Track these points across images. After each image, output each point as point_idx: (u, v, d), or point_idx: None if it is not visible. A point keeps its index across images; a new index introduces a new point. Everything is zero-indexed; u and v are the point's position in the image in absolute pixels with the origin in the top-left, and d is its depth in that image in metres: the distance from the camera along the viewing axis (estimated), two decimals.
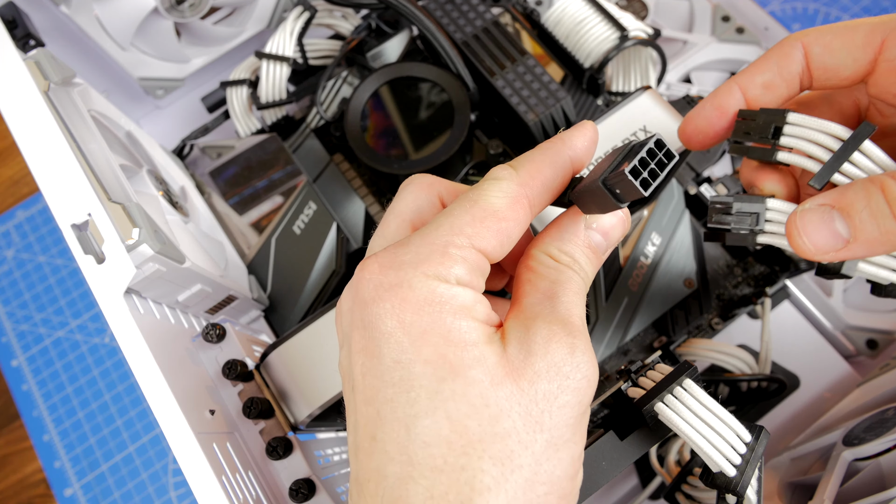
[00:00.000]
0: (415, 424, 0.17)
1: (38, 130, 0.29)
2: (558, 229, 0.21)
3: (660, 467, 0.37)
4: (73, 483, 0.53)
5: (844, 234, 0.20)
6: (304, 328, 0.29)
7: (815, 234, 0.21)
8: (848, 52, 0.22)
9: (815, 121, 0.22)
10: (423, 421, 0.17)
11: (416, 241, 0.19)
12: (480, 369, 0.17)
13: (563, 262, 0.21)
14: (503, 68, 0.39)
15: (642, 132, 0.29)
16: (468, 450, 0.16)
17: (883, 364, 0.42)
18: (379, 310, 0.18)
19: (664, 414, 0.23)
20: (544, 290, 0.20)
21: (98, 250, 0.26)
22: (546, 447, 0.17)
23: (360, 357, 0.18)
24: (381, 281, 0.18)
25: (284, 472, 0.28)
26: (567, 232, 0.21)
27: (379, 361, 0.18)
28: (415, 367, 0.17)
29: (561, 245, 0.21)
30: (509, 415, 0.17)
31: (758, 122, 0.24)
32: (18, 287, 0.59)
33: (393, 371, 0.17)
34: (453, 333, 0.17)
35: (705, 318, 0.41)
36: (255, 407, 0.28)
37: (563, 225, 0.21)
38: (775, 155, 0.23)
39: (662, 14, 0.56)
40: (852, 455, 0.32)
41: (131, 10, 0.46)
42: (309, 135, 0.46)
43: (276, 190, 0.43)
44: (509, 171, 0.20)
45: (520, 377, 0.18)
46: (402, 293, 0.18)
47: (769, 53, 0.24)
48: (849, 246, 0.20)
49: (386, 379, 0.17)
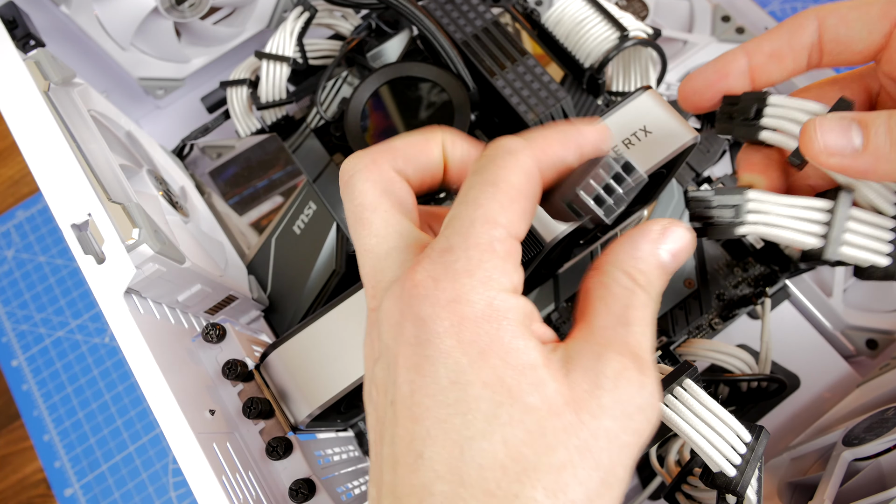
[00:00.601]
0: (470, 446, 0.16)
1: (38, 130, 0.29)
2: (632, 244, 0.20)
3: (660, 467, 0.37)
4: (73, 483, 0.53)
5: (857, 142, 0.20)
6: (304, 328, 0.29)
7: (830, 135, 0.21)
8: (863, 23, 0.22)
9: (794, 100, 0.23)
10: (480, 444, 0.16)
11: (459, 244, 0.18)
12: (538, 396, 0.17)
13: (641, 283, 0.20)
14: (503, 68, 0.39)
15: (642, 132, 0.29)
16: (522, 477, 0.16)
17: (883, 364, 0.42)
18: (437, 327, 0.17)
19: (664, 414, 0.23)
20: (618, 314, 0.19)
21: (98, 250, 0.26)
22: (600, 486, 0.17)
23: (409, 374, 0.17)
24: (438, 296, 0.17)
25: (284, 472, 0.28)
26: (643, 251, 0.20)
27: (433, 380, 0.17)
28: (473, 389, 0.17)
29: (638, 264, 0.20)
30: (566, 447, 0.16)
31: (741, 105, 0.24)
32: (18, 287, 0.59)
33: (449, 391, 0.17)
34: (512, 355, 0.17)
35: (705, 318, 0.41)
36: (255, 407, 0.28)
37: (635, 239, 0.20)
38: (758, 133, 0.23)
39: (662, 14, 0.56)
40: (852, 455, 0.32)
41: (131, 10, 0.46)
42: (309, 135, 0.46)
43: (276, 190, 0.43)
44: (522, 142, 0.19)
45: (582, 409, 0.17)
46: (461, 309, 0.17)
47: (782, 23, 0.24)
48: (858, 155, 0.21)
49: (440, 399, 0.17)
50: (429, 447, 0.17)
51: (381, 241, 0.20)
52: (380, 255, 0.20)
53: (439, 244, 0.18)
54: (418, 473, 0.17)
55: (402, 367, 0.17)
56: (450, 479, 0.16)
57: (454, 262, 0.17)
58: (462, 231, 0.18)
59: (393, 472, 0.17)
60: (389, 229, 0.20)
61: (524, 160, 0.19)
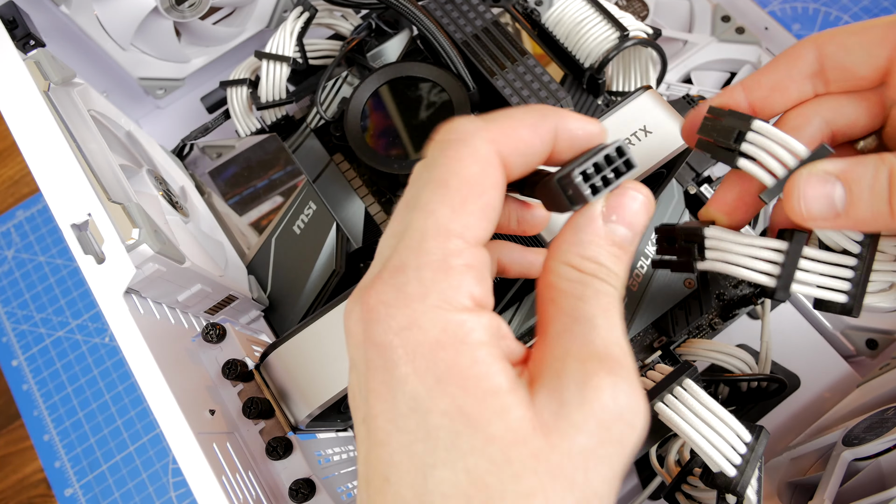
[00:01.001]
0: (432, 474, 0.16)
1: (38, 130, 0.29)
2: (574, 231, 0.18)
3: (660, 467, 0.37)
4: (73, 483, 0.53)
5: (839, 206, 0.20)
6: (304, 328, 0.29)
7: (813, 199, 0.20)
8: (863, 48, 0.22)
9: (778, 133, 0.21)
10: (441, 472, 0.16)
11: (411, 261, 0.16)
12: (501, 425, 0.16)
13: (588, 270, 0.18)
14: (503, 68, 0.39)
15: (642, 132, 0.29)
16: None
17: (883, 364, 0.42)
18: (392, 355, 0.16)
19: (664, 414, 0.23)
20: (571, 312, 0.17)
21: (98, 250, 0.26)
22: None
23: (373, 397, 0.17)
24: (390, 324, 0.16)
25: (284, 472, 0.28)
26: (585, 232, 0.18)
27: (393, 406, 0.16)
28: (431, 417, 0.16)
29: (581, 250, 0.18)
30: (535, 472, 0.15)
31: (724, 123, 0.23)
32: (18, 287, 0.59)
33: (408, 418, 0.16)
34: (471, 382, 0.16)
35: (705, 318, 0.41)
36: (255, 407, 0.28)
37: (578, 225, 0.18)
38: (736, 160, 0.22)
39: (662, 14, 0.56)
40: (852, 455, 0.32)
41: (131, 10, 0.46)
42: (309, 135, 0.46)
43: (276, 190, 0.43)
44: (475, 124, 0.17)
45: (550, 432, 0.16)
46: (413, 336, 0.16)
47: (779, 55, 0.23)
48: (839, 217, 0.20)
49: (400, 425, 0.16)
50: (393, 472, 0.16)
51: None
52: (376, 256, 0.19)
53: (392, 261, 0.17)
54: (386, 497, 0.16)
55: (369, 388, 0.17)
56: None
57: (405, 285, 0.16)
58: (413, 245, 0.17)
59: (366, 491, 0.17)
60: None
61: (478, 147, 0.17)
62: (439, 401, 0.16)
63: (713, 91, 0.52)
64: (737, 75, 0.53)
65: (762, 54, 0.52)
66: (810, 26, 0.60)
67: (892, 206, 0.19)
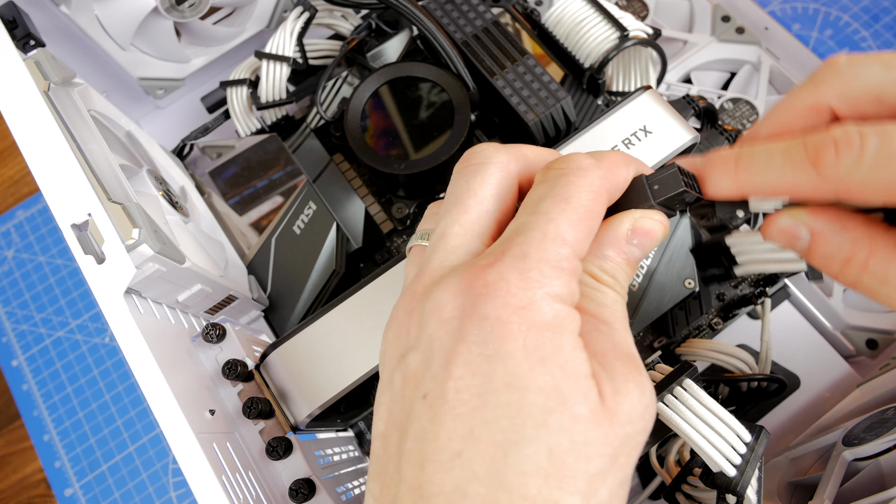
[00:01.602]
0: (515, 451, 0.16)
1: (38, 130, 0.29)
2: (598, 242, 0.20)
3: (660, 467, 0.37)
4: (73, 483, 0.53)
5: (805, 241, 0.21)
6: (304, 328, 0.29)
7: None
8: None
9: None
10: (525, 449, 0.16)
11: (533, 254, 0.18)
12: (586, 406, 0.17)
13: (605, 282, 0.20)
14: (503, 68, 0.39)
15: (642, 132, 0.29)
16: (562, 484, 0.16)
17: (883, 364, 0.42)
18: (503, 330, 0.17)
19: (664, 414, 0.23)
20: (596, 314, 0.19)
21: (98, 250, 0.26)
22: (618, 486, 0.17)
23: (460, 370, 0.17)
24: (510, 301, 0.17)
25: (284, 472, 0.28)
26: (608, 249, 0.21)
27: (486, 380, 0.17)
28: (527, 394, 0.17)
29: (603, 263, 0.20)
30: (601, 455, 0.17)
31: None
32: (18, 287, 0.59)
33: (501, 393, 0.17)
34: (570, 364, 0.17)
35: (705, 318, 0.41)
36: (255, 407, 0.28)
37: (603, 237, 0.21)
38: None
39: (662, 14, 0.56)
40: (852, 455, 0.32)
41: (131, 10, 0.46)
42: (309, 135, 0.46)
43: (276, 190, 0.43)
44: (592, 161, 0.20)
45: (614, 418, 0.17)
46: (531, 316, 0.17)
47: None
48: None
49: (490, 400, 0.17)
50: (469, 447, 0.16)
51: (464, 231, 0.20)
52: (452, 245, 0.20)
53: (513, 249, 0.18)
54: (452, 473, 0.16)
55: (453, 363, 0.17)
56: (488, 482, 0.16)
57: (528, 271, 0.18)
58: (535, 242, 0.18)
59: (419, 469, 0.17)
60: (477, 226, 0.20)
61: (595, 180, 0.19)
62: (539, 378, 0.17)
63: (713, 91, 0.52)
64: (736, 76, 0.53)
65: (762, 54, 0.52)
66: (810, 26, 0.60)
67: None
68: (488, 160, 0.21)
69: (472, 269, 0.18)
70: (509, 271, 0.18)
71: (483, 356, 0.17)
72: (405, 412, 0.18)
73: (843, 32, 0.60)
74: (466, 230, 0.20)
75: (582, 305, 0.19)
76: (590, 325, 0.19)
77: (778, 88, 0.52)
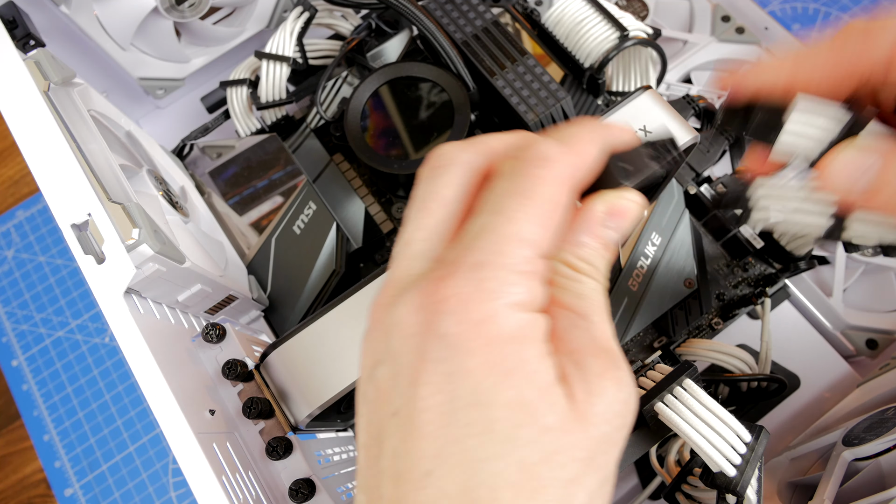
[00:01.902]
0: (483, 468, 0.16)
1: (38, 130, 0.29)
2: (571, 232, 0.19)
3: (660, 467, 0.37)
4: (73, 483, 0.53)
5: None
6: (304, 328, 0.29)
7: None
8: None
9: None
10: (494, 466, 0.16)
11: (490, 262, 0.17)
12: (555, 416, 0.17)
13: (583, 270, 0.19)
14: (503, 68, 0.39)
15: (642, 132, 0.29)
16: (535, 495, 0.16)
17: (883, 364, 0.42)
18: (463, 346, 0.16)
19: (664, 414, 0.23)
20: (573, 307, 0.19)
21: (98, 250, 0.26)
22: (599, 485, 0.17)
23: (424, 390, 0.17)
24: (467, 316, 0.16)
25: (284, 472, 0.28)
26: (583, 234, 0.19)
27: (451, 399, 0.16)
28: (492, 410, 0.16)
29: (578, 250, 0.19)
30: (574, 460, 0.16)
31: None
32: (18, 287, 0.59)
33: (466, 411, 0.16)
34: (535, 376, 0.17)
35: (705, 318, 0.41)
36: (255, 407, 0.28)
37: (576, 226, 0.19)
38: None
39: (662, 14, 0.56)
40: (852, 455, 0.32)
41: (131, 10, 0.46)
42: (309, 135, 0.46)
43: (276, 190, 0.43)
44: (558, 148, 0.18)
45: (586, 421, 0.17)
46: (490, 330, 0.16)
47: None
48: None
49: (456, 418, 0.16)
50: (439, 466, 0.16)
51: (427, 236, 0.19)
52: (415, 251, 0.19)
53: (469, 258, 0.17)
54: (425, 491, 0.16)
55: (418, 382, 0.17)
56: (460, 499, 0.16)
57: (485, 281, 0.17)
58: (493, 248, 0.17)
59: (395, 487, 0.17)
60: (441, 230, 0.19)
61: (560, 169, 0.18)
62: (504, 393, 0.16)
63: (713, 91, 0.52)
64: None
65: (762, 54, 0.52)
66: (810, 26, 0.60)
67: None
68: (451, 161, 0.20)
69: (428, 282, 0.17)
70: (464, 283, 0.17)
71: (445, 374, 0.16)
72: (380, 427, 0.18)
73: None
74: (429, 235, 0.19)
75: (559, 299, 0.19)
76: (567, 321, 0.18)
77: None
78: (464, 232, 0.18)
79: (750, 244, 0.41)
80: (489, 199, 0.18)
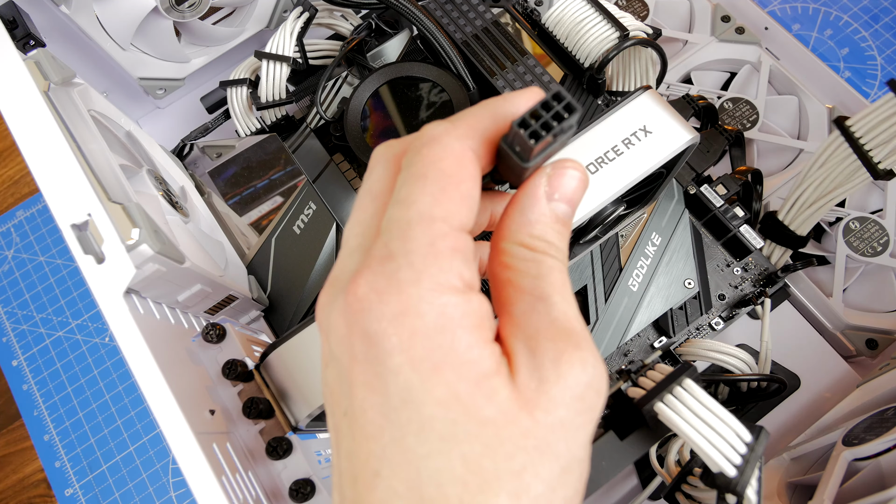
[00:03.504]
0: (426, 465, 0.16)
1: (38, 130, 0.29)
2: (520, 212, 0.19)
3: (660, 467, 0.37)
4: (73, 483, 0.53)
5: None
6: (305, 328, 0.29)
7: None
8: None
9: None
10: (436, 462, 0.16)
11: (399, 249, 0.16)
12: (493, 408, 0.16)
13: (539, 248, 0.18)
14: (503, 68, 0.39)
15: (642, 132, 0.29)
16: (484, 488, 0.16)
17: (883, 364, 0.42)
18: (385, 344, 0.16)
19: (664, 414, 0.23)
20: (530, 290, 0.18)
21: (98, 250, 0.26)
22: (561, 473, 0.16)
23: (361, 390, 0.16)
24: (383, 311, 0.16)
25: (284, 472, 0.28)
26: (531, 212, 0.19)
27: (384, 399, 0.16)
28: (425, 408, 0.16)
29: (530, 229, 0.19)
30: (525, 449, 0.16)
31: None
32: (18, 287, 0.59)
33: (401, 411, 0.16)
34: (466, 367, 0.16)
35: (705, 318, 0.41)
36: (254, 407, 0.28)
37: (523, 206, 0.19)
38: None
39: (662, 14, 0.56)
40: (852, 455, 0.32)
41: (131, 10, 0.46)
42: (309, 135, 0.46)
43: (276, 190, 0.43)
44: (444, 125, 0.18)
45: (535, 408, 0.16)
46: (410, 323, 0.16)
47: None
48: None
49: (392, 418, 0.16)
50: (385, 466, 0.16)
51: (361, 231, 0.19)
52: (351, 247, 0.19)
53: (378, 251, 0.17)
54: (377, 491, 0.16)
55: (355, 382, 0.17)
56: (409, 497, 0.16)
57: (396, 272, 0.16)
58: (399, 234, 0.17)
59: (353, 488, 0.17)
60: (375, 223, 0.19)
61: (450, 143, 0.18)
62: (434, 390, 0.16)
63: (713, 91, 0.52)
64: (736, 76, 0.53)
65: (762, 54, 0.52)
66: (810, 26, 0.60)
67: None
68: (378, 156, 0.20)
69: (340, 284, 0.17)
70: (376, 278, 0.16)
71: (375, 375, 0.16)
72: (336, 428, 0.18)
73: (843, 32, 0.60)
74: (363, 230, 0.19)
75: (517, 282, 0.18)
76: (525, 305, 0.18)
77: (778, 88, 0.52)
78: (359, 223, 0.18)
79: (750, 244, 0.41)
80: (394, 190, 0.18)
